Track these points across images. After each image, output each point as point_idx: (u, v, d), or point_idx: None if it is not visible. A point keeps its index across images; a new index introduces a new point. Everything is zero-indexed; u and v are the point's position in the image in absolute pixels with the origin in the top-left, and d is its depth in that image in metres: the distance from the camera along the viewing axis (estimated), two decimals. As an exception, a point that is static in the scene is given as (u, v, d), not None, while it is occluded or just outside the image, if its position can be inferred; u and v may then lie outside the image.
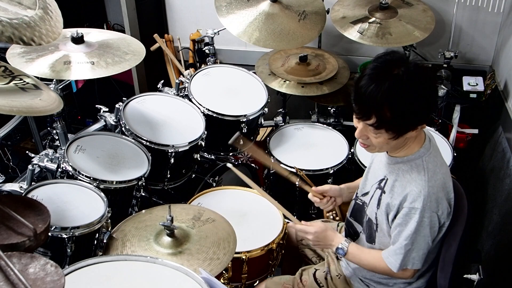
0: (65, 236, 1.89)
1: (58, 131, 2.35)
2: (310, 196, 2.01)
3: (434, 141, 1.73)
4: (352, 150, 2.65)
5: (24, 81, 1.86)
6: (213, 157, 2.79)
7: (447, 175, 1.70)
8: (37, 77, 2.00)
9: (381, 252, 1.77)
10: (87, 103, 3.51)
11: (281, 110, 3.15)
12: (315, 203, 2.00)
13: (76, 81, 3.56)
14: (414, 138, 1.66)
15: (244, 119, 2.60)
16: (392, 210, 1.68)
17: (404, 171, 1.67)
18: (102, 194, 2.05)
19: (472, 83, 2.91)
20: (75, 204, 2.00)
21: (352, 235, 1.92)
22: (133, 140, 2.34)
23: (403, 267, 1.71)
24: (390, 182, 1.71)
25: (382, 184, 1.74)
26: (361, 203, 1.86)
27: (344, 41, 3.34)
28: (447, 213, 1.68)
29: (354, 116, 1.63)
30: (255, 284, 2.17)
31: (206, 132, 2.49)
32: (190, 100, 2.61)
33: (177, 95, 2.68)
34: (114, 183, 2.14)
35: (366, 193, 1.84)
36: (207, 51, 3.13)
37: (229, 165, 2.05)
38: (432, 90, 1.61)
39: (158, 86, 2.74)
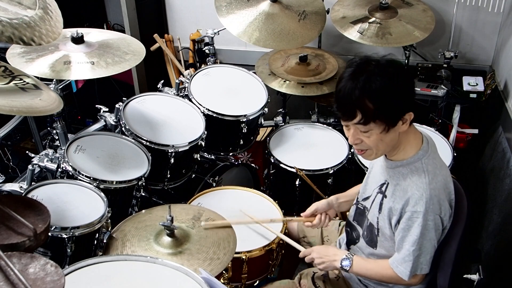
0: (65, 236, 1.89)
1: (58, 131, 2.35)
2: (304, 225, 2.03)
3: (433, 142, 1.73)
4: (352, 150, 2.65)
5: (24, 81, 1.86)
6: (213, 157, 2.79)
7: (448, 176, 1.70)
8: (37, 77, 1.99)
9: (386, 261, 1.76)
10: (87, 103, 3.51)
11: (281, 110, 3.15)
12: (312, 227, 2.02)
13: (76, 81, 3.56)
14: (410, 140, 1.66)
15: (244, 119, 2.60)
16: (395, 214, 1.68)
17: (405, 174, 1.67)
18: (102, 194, 2.05)
19: (472, 83, 2.91)
20: (75, 204, 2.00)
21: (353, 238, 1.92)
22: (133, 140, 2.34)
23: (413, 274, 1.70)
24: (391, 186, 1.71)
25: (383, 189, 1.74)
26: (362, 208, 1.86)
27: (344, 41, 3.34)
28: (449, 215, 1.68)
29: (343, 124, 1.65)
30: (255, 284, 2.17)
31: (206, 132, 2.49)
32: (190, 100, 2.61)
33: (177, 95, 2.68)
34: (114, 183, 2.14)
35: (367, 198, 1.84)
36: (207, 51, 3.13)
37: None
38: (406, 77, 1.64)
39: (158, 86, 2.74)
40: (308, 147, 2.74)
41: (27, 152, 2.31)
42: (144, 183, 2.25)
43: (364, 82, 1.53)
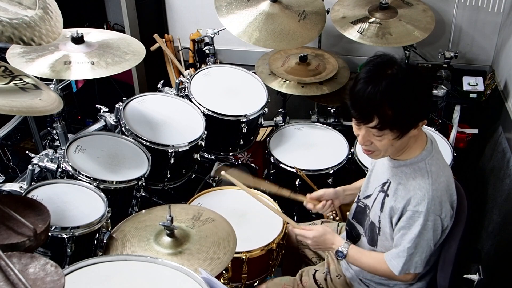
0: (65, 236, 1.89)
1: (58, 131, 2.35)
2: (305, 203, 2.00)
3: (436, 143, 1.73)
4: (352, 150, 2.65)
5: (24, 81, 1.86)
6: (213, 157, 2.79)
7: (450, 177, 1.70)
8: (37, 77, 1.99)
9: (382, 254, 1.76)
10: (87, 103, 3.51)
11: (281, 110, 3.15)
12: (312, 210, 2.00)
13: (76, 81, 3.56)
14: (415, 140, 1.66)
15: (244, 119, 2.60)
16: (396, 213, 1.68)
17: (408, 174, 1.67)
18: (102, 194, 2.05)
19: (472, 83, 2.91)
20: (75, 204, 2.00)
21: (353, 237, 1.92)
22: (133, 140, 2.34)
23: (405, 271, 1.70)
24: (393, 185, 1.71)
25: (385, 188, 1.74)
26: (363, 206, 1.86)
27: (344, 41, 3.34)
28: (450, 216, 1.68)
29: (354, 123, 1.63)
30: (255, 284, 2.17)
31: (206, 132, 2.49)
32: (190, 100, 2.61)
33: (177, 95, 2.68)
34: (114, 183, 2.14)
35: (368, 196, 1.84)
36: (207, 51, 3.13)
37: (223, 173, 2.00)
38: (427, 85, 1.63)
39: (158, 86, 2.74)
40: (308, 147, 2.74)
41: (27, 152, 2.31)
42: (144, 183, 2.25)
43: (386, 87, 1.50)
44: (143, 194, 2.29)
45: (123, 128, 2.38)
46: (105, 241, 1.88)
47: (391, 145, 1.60)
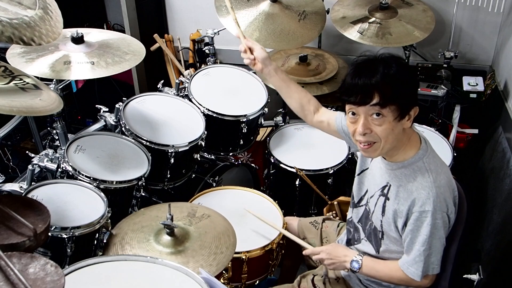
0: (65, 236, 1.89)
1: (58, 131, 2.35)
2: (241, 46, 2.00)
3: (429, 142, 1.73)
4: (352, 150, 2.65)
5: (24, 81, 1.86)
6: (213, 157, 2.79)
7: (449, 173, 1.70)
8: (37, 77, 1.99)
9: (396, 262, 1.74)
10: (87, 103, 3.51)
11: (281, 110, 3.15)
12: (240, 49, 2.00)
13: (76, 81, 3.56)
14: (408, 139, 1.65)
15: (244, 119, 2.60)
16: (400, 217, 1.66)
17: (407, 175, 1.66)
18: (102, 194, 2.05)
19: (472, 83, 2.91)
20: (75, 204, 2.00)
21: (354, 239, 1.91)
22: (133, 140, 2.34)
23: (424, 274, 1.68)
24: (393, 188, 1.69)
25: (385, 191, 1.72)
26: (368, 209, 1.85)
27: (344, 41, 3.34)
28: (454, 212, 1.68)
29: (349, 117, 1.63)
30: (255, 284, 2.17)
31: (206, 132, 2.49)
32: (190, 100, 2.61)
33: (177, 95, 2.68)
34: (114, 183, 2.14)
35: (371, 197, 1.82)
36: (207, 51, 3.13)
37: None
38: (413, 69, 1.78)
39: (158, 86, 2.74)
40: (308, 147, 2.74)
41: (27, 152, 2.31)
42: (144, 183, 2.25)
43: (383, 69, 1.57)
44: (143, 194, 2.29)
45: (123, 128, 2.38)
46: (105, 241, 1.89)
47: (391, 130, 1.58)
